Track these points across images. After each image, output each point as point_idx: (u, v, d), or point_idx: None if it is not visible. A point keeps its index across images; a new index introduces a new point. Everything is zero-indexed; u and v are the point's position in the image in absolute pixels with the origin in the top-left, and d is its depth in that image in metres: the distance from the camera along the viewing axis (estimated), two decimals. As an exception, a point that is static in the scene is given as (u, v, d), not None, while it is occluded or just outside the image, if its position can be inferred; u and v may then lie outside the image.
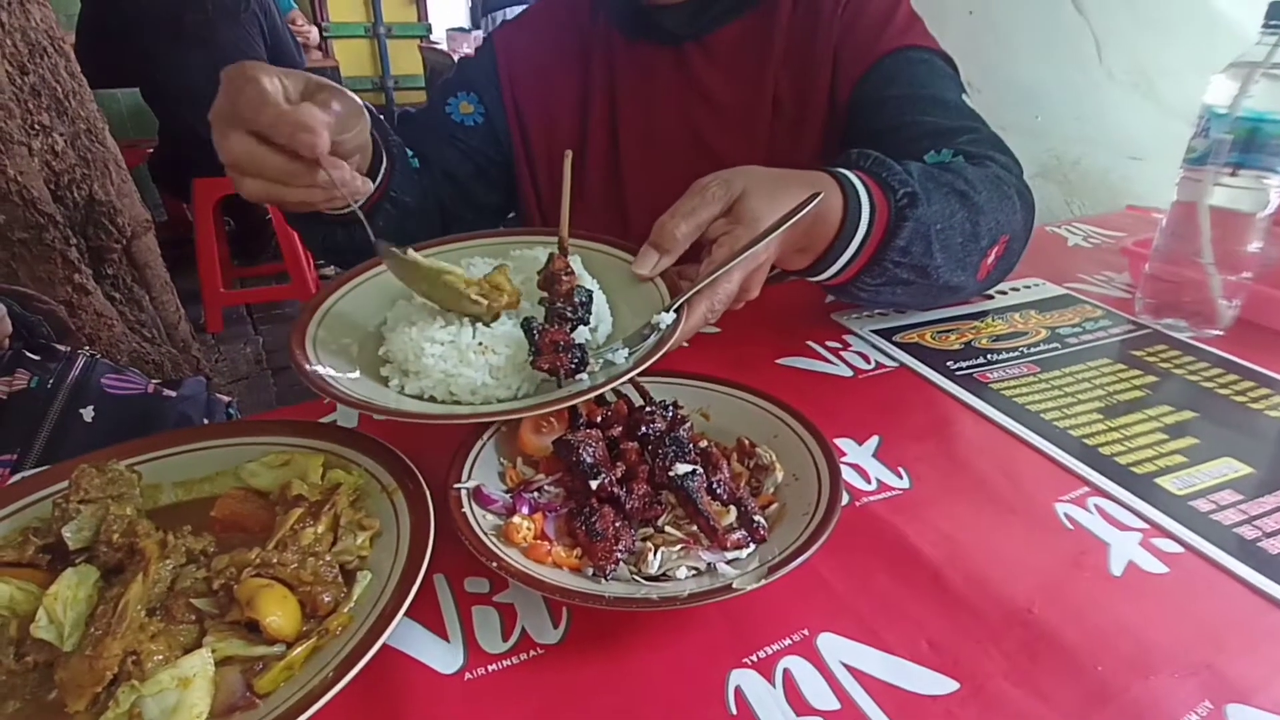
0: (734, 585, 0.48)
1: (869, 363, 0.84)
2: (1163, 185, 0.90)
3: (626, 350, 0.62)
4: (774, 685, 0.47)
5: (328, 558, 0.49)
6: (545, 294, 0.64)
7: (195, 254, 3.10)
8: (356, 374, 0.62)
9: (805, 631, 0.51)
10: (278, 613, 0.45)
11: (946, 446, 0.70)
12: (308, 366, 0.59)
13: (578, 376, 0.59)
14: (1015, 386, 0.79)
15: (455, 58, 4.60)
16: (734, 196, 0.65)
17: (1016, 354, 0.86)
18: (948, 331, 0.91)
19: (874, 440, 0.71)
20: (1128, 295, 1.02)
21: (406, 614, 0.47)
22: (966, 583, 0.54)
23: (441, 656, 0.49)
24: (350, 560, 0.51)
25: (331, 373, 0.59)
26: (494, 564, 0.49)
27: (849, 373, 0.82)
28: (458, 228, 1.03)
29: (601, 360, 0.61)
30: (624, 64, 1.00)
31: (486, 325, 0.63)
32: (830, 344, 0.87)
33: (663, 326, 0.62)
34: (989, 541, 0.58)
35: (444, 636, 0.51)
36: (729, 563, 0.52)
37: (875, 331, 0.90)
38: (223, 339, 3.35)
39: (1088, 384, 0.80)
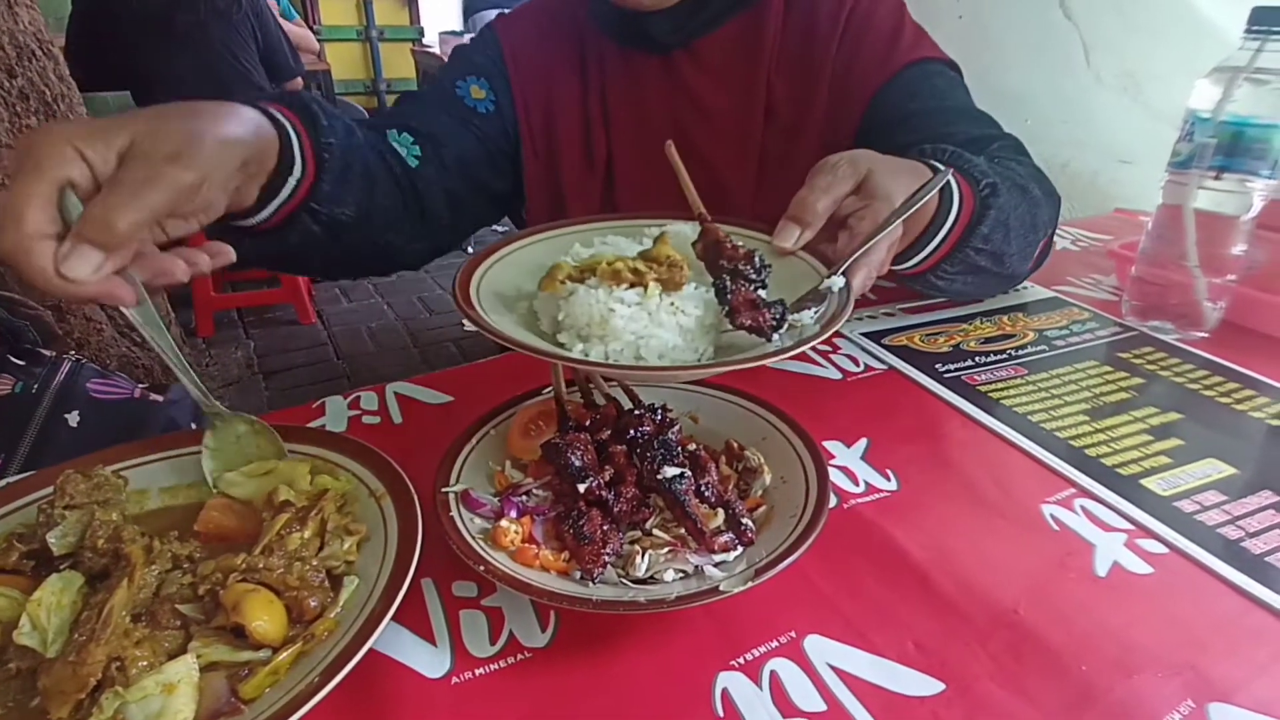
0: (721, 588, 0.48)
1: (858, 365, 0.84)
2: (1151, 188, 0.91)
3: (811, 311, 0.59)
4: (761, 687, 0.47)
5: (314, 563, 0.49)
6: (713, 261, 0.61)
7: (185, 258, 3.09)
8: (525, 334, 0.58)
9: (792, 633, 0.51)
10: (264, 617, 0.45)
11: (934, 448, 0.70)
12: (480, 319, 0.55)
13: (776, 335, 0.57)
14: (1003, 389, 0.80)
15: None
16: (862, 174, 0.66)
17: (1004, 356, 0.86)
18: (936, 334, 0.91)
19: (862, 442, 0.71)
20: (1115, 298, 1.03)
21: (393, 618, 0.47)
22: (953, 584, 0.54)
23: (428, 661, 0.49)
24: (337, 565, 0.51)
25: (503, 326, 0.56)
26: (481, 568, 0.49)
27: (838, 375, 0.82)
28: (466, 218, 1.01)
29: (786, 324, 0.58)
30: (615, 70, 1.00)
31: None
32: (819, 346, 0.87)
33: (835, 290, 0.61)
34: (976, 543, 0.58)
35: (431, 641, 0.50)
36: (716, 565, 0.52)
37: (864, 334, 0.91)
38: (213, 343, 3.33)
39: (1075, 386, 0.80)
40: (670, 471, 0.56)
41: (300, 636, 0.45)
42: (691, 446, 0.61)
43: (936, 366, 0.83)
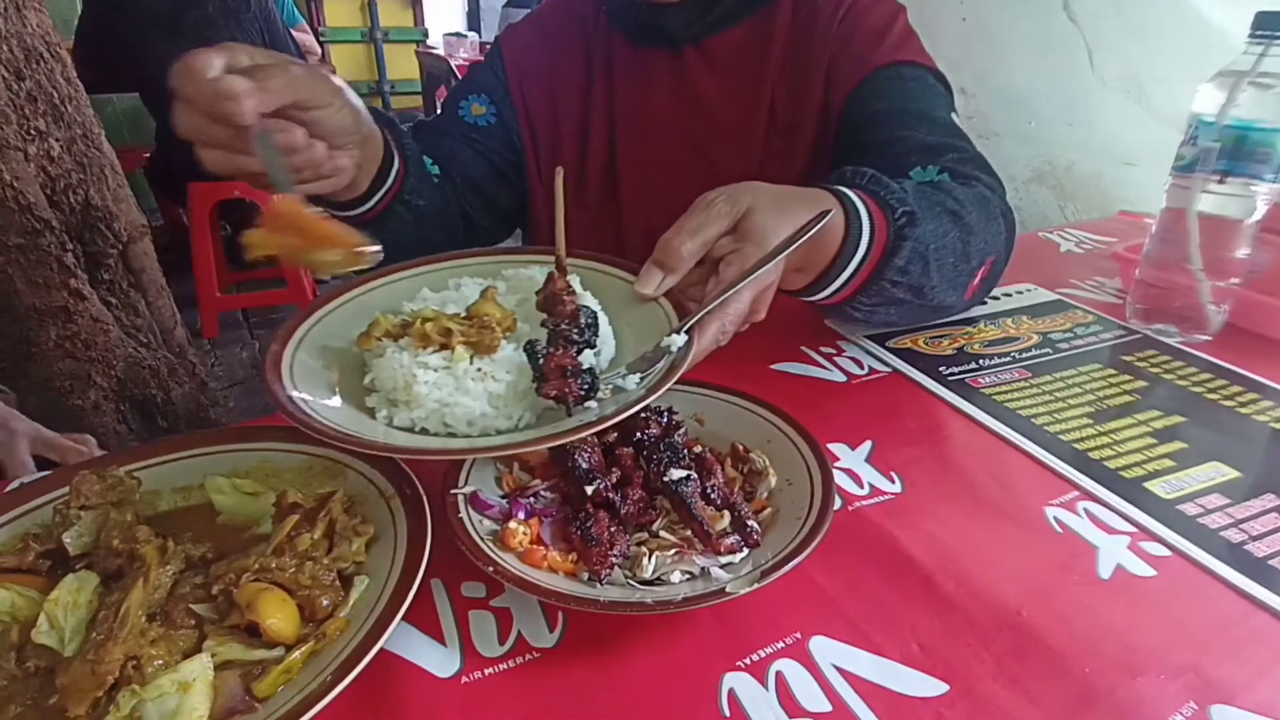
0: (727, 589, 0.48)
1: (862, 368, 0.85)
2: (1155, 191, 0.91)
3: (637, 376, 0.58)
4: (766, 688, 0.48)
5: (325, 562, 0.50)
6: (546, 316, 0.60)
7: (191, 258, 3.10)
8: (338, 402, 0.59)
9: (798, 634, 0.51)
10: (277, 616, 0.46)
11: (938, 451, 0.71)
12: (284, 393, 0.55)
13: (587, 404, 0.56)
14: (1007, 391, 0.80)
15: (452, 62, 4.61)
16: (740, 213, 0.63)
17: (1008, 359, 0.87)
18: (940, 337, 0.91)
19: (867, 445, 0.71)
20: (1119, 300, 1.03)
21: (404, 618, 0.48)
22: (957, 586, 0.55)
23: (438, 660, 0.50)
24: (346, 566, 0.51)
25: (311, 402, 0.56)
26: (490, 569, 0.50)
27: (842, 378, 0.83)
28: (478, 235, 1.04)
29: (610, 386, 0.58)
30: (623, 68, 1.01)
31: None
32: (824, 349, 0.88)
33: (674, 349, 0.58)
34: (980, 545, 0.59)
35: (441, 640, 0.51)
36: (723, 567, 0.53)
37: (869, 337, 0.91)
38: (218, 343, 3.34)
39: (1078, 389, 0.81)
40: (676, 474, 0.56)
41: (313, 635, 0.46)
42: (697, 449, 0.61)
43: (940, 369, 0.84)
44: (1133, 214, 1.44)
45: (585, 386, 0.55)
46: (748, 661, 0.49)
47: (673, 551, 0.53)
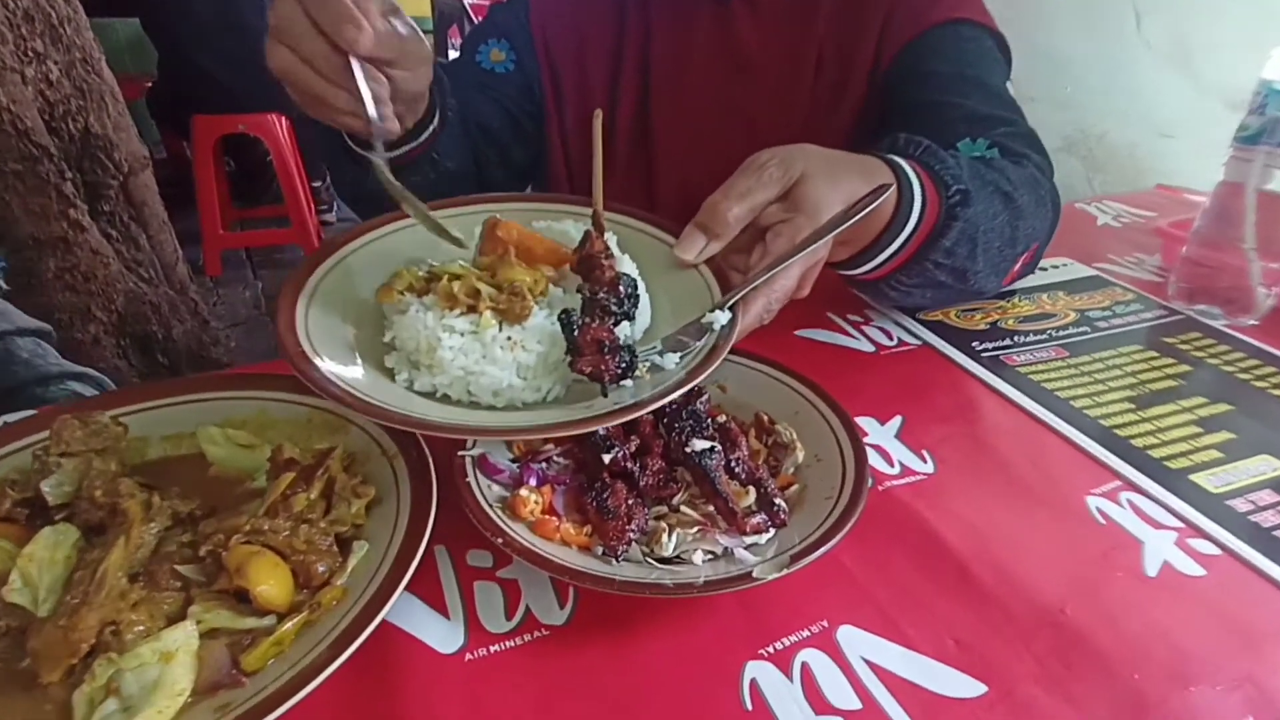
0: (754, 574, 0.45)
1: (891, 339, 0.81)
2: (1193, 164, 0.86)
3: (676, 355, 0.54)
4: (791, 679, 0.44)
5: (322, 525, 0.46)
6: (582, 281, 0.56)
7: (194, 194, 3.04)
8: (359, 369, 0.54)
9: (824, 623, 0.48)
10: (269, 581, 0.43)
11: (971, 430, 0.67)
12: (316, 364, 0.50)
13: (622, 383, 0.51)
14: (1043, 371, 0.76)
15: (465, 1, 4.46)
16: (792, 179, 0.58)
17: (1044, 337, 0.82)
18: (973, 310, 0.87)
19: (896, 420, 0.67)
20: (1159, 279, 0.99)
21: (405, 588, 0.45)
22: (995, 577, 0.51)
23: (441, 635, 0.46)
24: (345, 529, 0.48)
25: (338, 372, 0.51)
26: (499, 540, 0.47)
27: (870, 348, 0.79)
28: (490, 188, 0.98)
29: (648, 364, 0.53)
30: (660, 15, 0.94)
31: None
32: (851, 317, 0.84)
33: (716, 327, 0.54)
34: (1018, 534, 0.55)
35: (444, 613, 0.48)
36: (747, 548, 0.49)
37: (897, 307, 0.86)
38: (221, 282, 3.29)
39: (1118, 371, 0.77)
40: (700, 445, 0.53)
41: (307, 605, 0.43)
42: (721, 418, 0.58)
43: (973, 344, 0.80)
44: (1171, 188, 1.38)
45: (623, 365, 0.50)
46: (771, 650, 0.46)
47: (695, 529, 0.50)
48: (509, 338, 0.53)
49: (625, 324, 0.54)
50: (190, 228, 3.10)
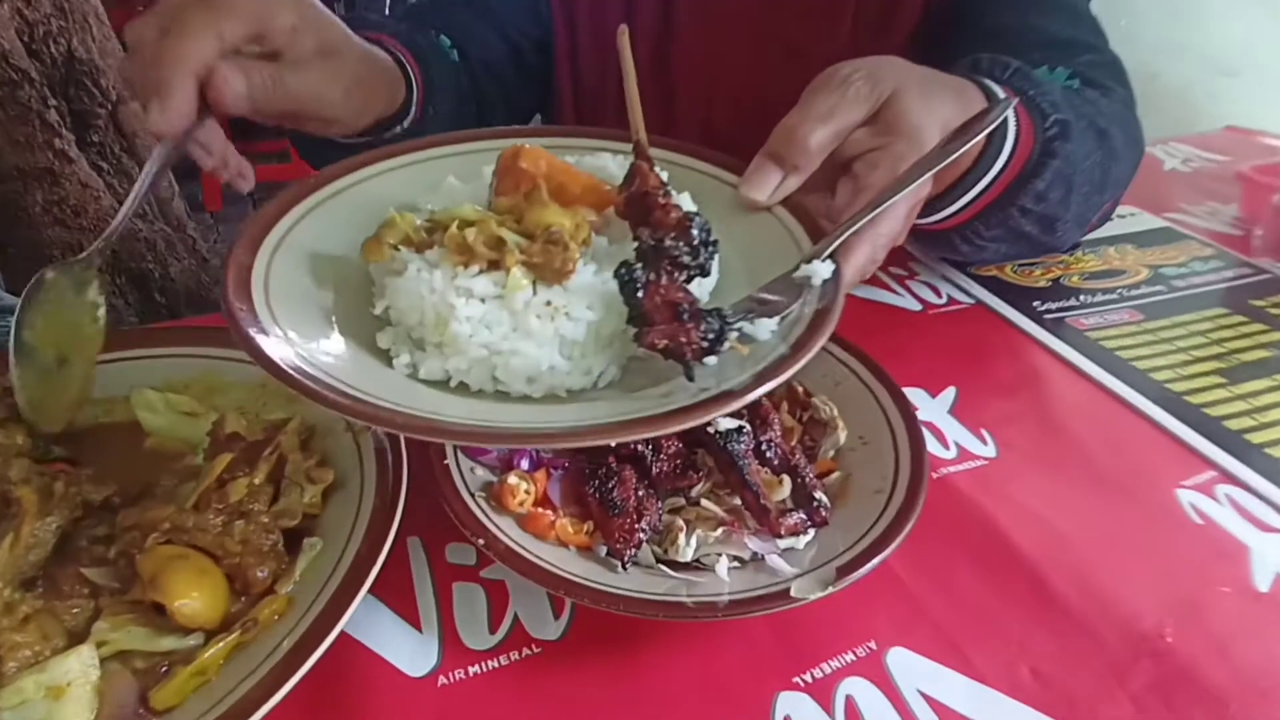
0: (792, 592, 0.37)
1: (939, 296, 0.71)
2: (1257, 104, 0.74)
3: (773, 321, 0.40)
4: (833, 715, 0.37)
5: (264, 519, 0.38)
6: (633, 224, 0.43)
7: (190, 126, 2.92)
8: (340, 345, 0.42)
9: (872, 645, 0.40)
10: (192, 594, 0.34)
11: (1037, 407, 0.58)
12: (261, 337, 0.38)
13: (706, 360, 0.38)
14: (1116, 337, 0.66)
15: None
16: (882, 97, 0.48)
17: (1114, 296, 0.72)
18: (1031, 264, 0.77)
19: (949, 393, 0.58)
20: (1239, 231, 0.88)
21: (369, 591, 0.37)
22: (1077, 590, 0.43)
23: (410, 652, 0.38)
24: (294, 523, 0.39)
25: (315, 354, 0.39)
26: (480, 541, 0.38)
27: (916, 306, 0.69)
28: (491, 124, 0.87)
29: (736, 332, 0.39)
30: None
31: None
32: (894, 270, 0.74)
33: (816, 282, 0.42)
34: (1101, 534, 0.47)
35: (415, 624, 0.40)
36: (782, 553, 0.41)
37: (946, 259, 0.76)
38: (221, 219, 3.19)
39: (1202, 338, 0.67)
40: (725, 424, 0.44)
41: (239, 624, 0.34)
42: (750, 391, 0.48)
43: (1034, 304, 0.70)
44: (1242, 129, 1.25)
45: (710, 335, 0.37)
46: (808, 679, 0.38)
47: (718, 530, 0.41)
48: (548, 302, 0.40)
49: (700, 281, 0.42)
50: (191, 161, 2.99)
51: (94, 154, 2.33)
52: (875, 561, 0.38)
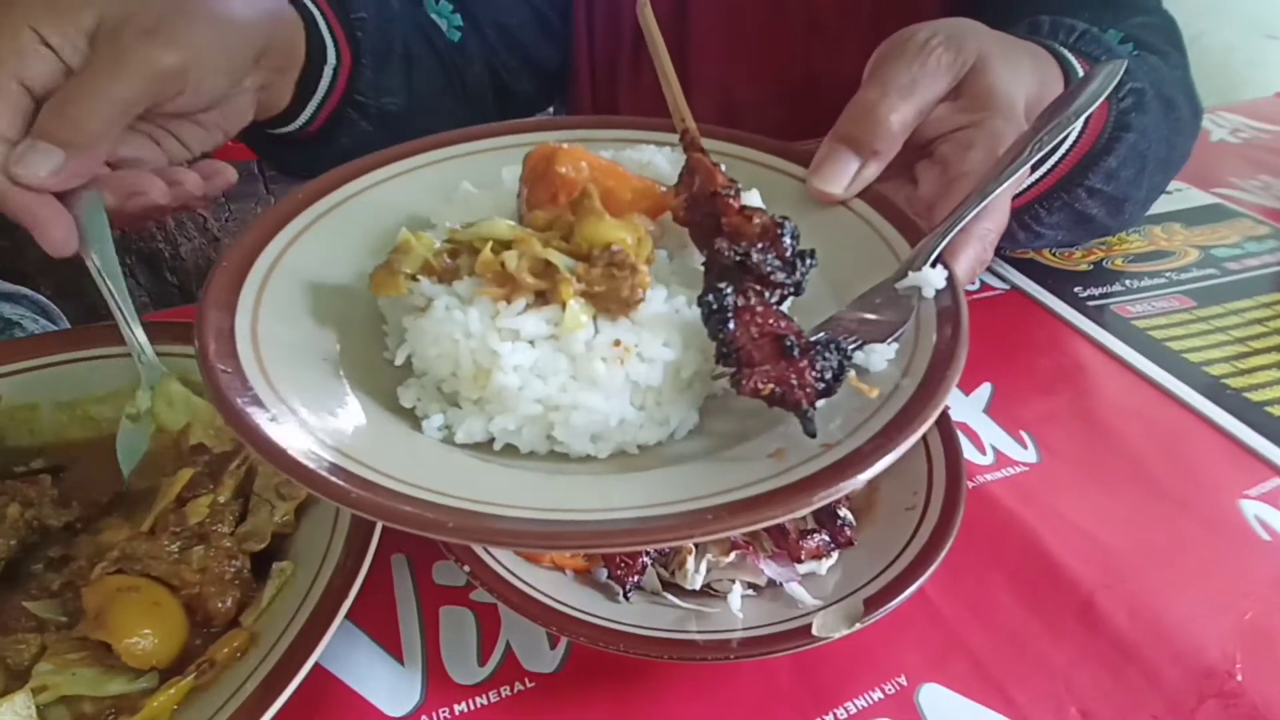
0: (814, 631, 0.33)
1: (972, 281, 0.66)
2: None
3: (890, 347, 0.34)
4: (858, 765, 0.33)
5: (227, 543, 0.34)
6: (697, 234, 0.37)
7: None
8: (356, 410, 0.34)
9: (902, 680, 0.36)
10: (145, 630, 0.31)
11: (1081, 405, 0.53)
12: (258, 413, 0.30)
13: (818, 403, 0.31)
14: (1166, 326, 0.61)
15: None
16: (966, 65, 0.42)
17: (1163, 281, 0.67)
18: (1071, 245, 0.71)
19: (984, 390, 0.54)
20: (1295, 209, 0.82)
21: (345, 617, 0.33)
22: (1130, 619, 0.38)
23: (390, 687, 0.35)
24: (262, 545, 0.36)
25: (324, 430, 0.31)
26: (466, 568, 0.34)
27: (946, 292, 0.64)
28: (513, 99, 0.80)
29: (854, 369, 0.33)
30: None
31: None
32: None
33: (928, 293, 0.35)
34: (1156, 553, 0.42)
35: (396, 654, 0.36)
36: (801, 580, 0.37)
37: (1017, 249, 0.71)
38: (232, 197, 3.16)
39: (1260, 327, 0.61)
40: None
41: (196, 664, 0.31)
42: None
43: (1075, 290, 0.65)
44: (1294, 98, 1.18)
45: (829, 374, 0.30)
46: (831, 719, 0.34)
47: (730, 554, 0.37)
48: (616, 342, 0.33)
49: (791, 302, 0.35)
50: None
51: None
52: (906, 594, 0.34)
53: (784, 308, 0.33)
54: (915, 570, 0.35)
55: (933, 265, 0.36)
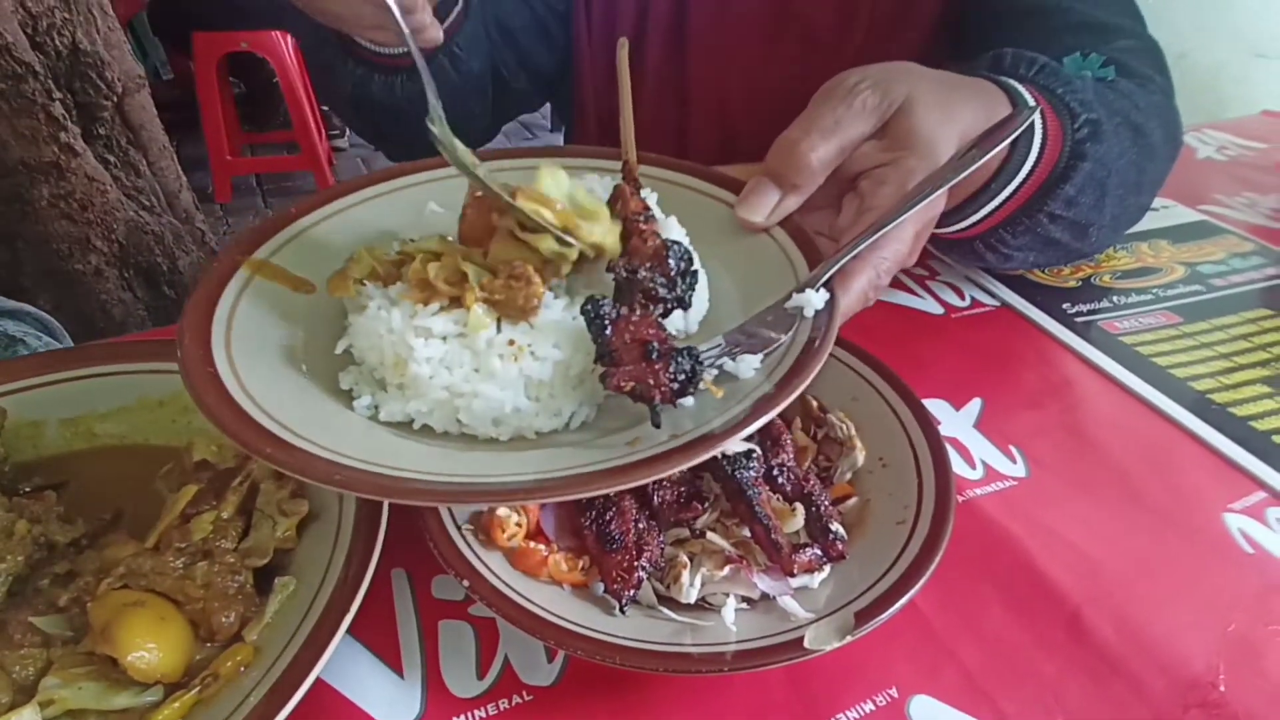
0: (806, 644, 0.33)
1: (962, 298, 0.67)
2: None
3: (757, 358, 0.38)
4: (850, 775, 0.33)
5: (230, 558, 0.35)
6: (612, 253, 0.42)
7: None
8: (298, 388, 0.39)
9: (893, 692, 0.37)
10: (149, 645, 0.32)
11: (1070, 420, 0.54)
12: (228, 384, 0.36)
13: (680, 401, 0.36)
14: (1153, 342, 0.62)
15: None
16: (892, 107, 0.44)
17: (1149, 297, 0.68)
18: (1059, 262, 0.72)
19: (974, 405, 0.55)
20: (1279, 224, 0.83)
21: (346, 632, 0.34)
22: (1116, 631, 0.39)
23: (390, 700, 0.36)
24: (265, 561, 0.36)
25: (266, 400, 0.36)
26: (465, 583, 0.35)
27: (938, 309, 0.65)
28: (510, 101, 0.83)
29: (715, 371, 0.38)
30: None
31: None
32: (916, 270, 0.70)
33: (808, 313, 0.39)
34: (1142, 567, 0.43)
35: (396, 667, 0.37)
36: (794, 593, 0.37)
37: (988, 271, 0.72)
38: (231, 210, 3.17)
39: (1245, 343, 0.63)
40: (735, 447, 0.40)
41: (200, 678, 0.32)
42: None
43: (1064, 306, 0.66)
44: (1279, 114, 1.20)
45: (681, 376, 0.35)
46: (823, 731, 0.35)
47: (725, 568, 0.38)
48: (511, 341, 0.38)
49: (678, 313, 0.40)
50: (201, 152, 2.97)
51: (100, 147, 2.31)
52: (897, 606, 0.34)
53: (679, 317, 0.41)
54: (906, 583, 0.36)
55: (818, 289, 0.40)
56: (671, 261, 0.39)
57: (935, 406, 0.54)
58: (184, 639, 0.33)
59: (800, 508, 0.40)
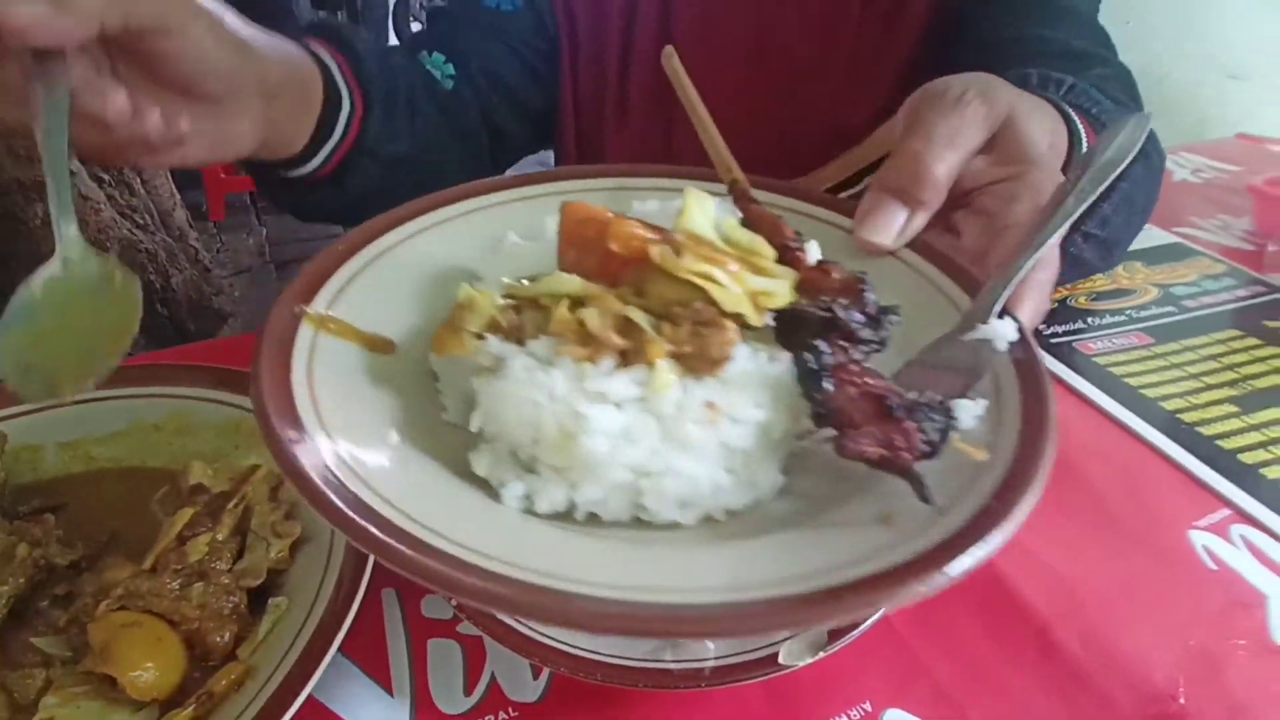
0: (780, 659, 0.35)
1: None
2: (1266, 108, 0.71)
3: (978, 405, 0.31)
4: (824, 787, 0.34)
5: (225, 579, 0.36)
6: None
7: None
8: (435, 477, 0.31)
9: (866, 706, 0.38)
10: (146, 664, 0.33)
11: (1043, 439, 0.55)
12: (332, 484, 0.27)
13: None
14: (1124, 363, 0.64)
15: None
16: (999, 119, 0.42)
17: (1123, 318, 0.70)
18: (1037, 283, 0.74)
19: (951, 425, 0.56)
20: (1251, 246, 0.85)
21: (338, 651, 0.35)
22: (1084, 646, 0.41)
23: (379, 717, 0.37)
24: (258, 582, 0.38)
25: (405, 500, 0.27)
26: (454, 601, 0.36)
27: (917, 331, 0.67)
28: (508, 149, 0.84)
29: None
30: None
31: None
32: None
33: (1002, 346, 0.33)
34: (1110, 584, 0.44)
35: (386, 685, 0.38)
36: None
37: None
38: (224, 228, 3.18)
39: (1214, 363, 0.64)
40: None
41: (195, 697, 0.33)
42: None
43: (1040, 328, 0.67)
44: (1253, 137, 1.23)
45: (936, 435, 0.28)
46: (799, 745, 0.36)
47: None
48: (710, 404, 0.31)
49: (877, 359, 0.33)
50: (193, 171, 2.99)
51: (94, 165, 2.33)
52: (869, 623, 0.36)
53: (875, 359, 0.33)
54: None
55: (999, 317, 0.34)
56: (869, 295, 0.33)
57: (913, 426, 0.55)
58: (179, 659, 0.34)
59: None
